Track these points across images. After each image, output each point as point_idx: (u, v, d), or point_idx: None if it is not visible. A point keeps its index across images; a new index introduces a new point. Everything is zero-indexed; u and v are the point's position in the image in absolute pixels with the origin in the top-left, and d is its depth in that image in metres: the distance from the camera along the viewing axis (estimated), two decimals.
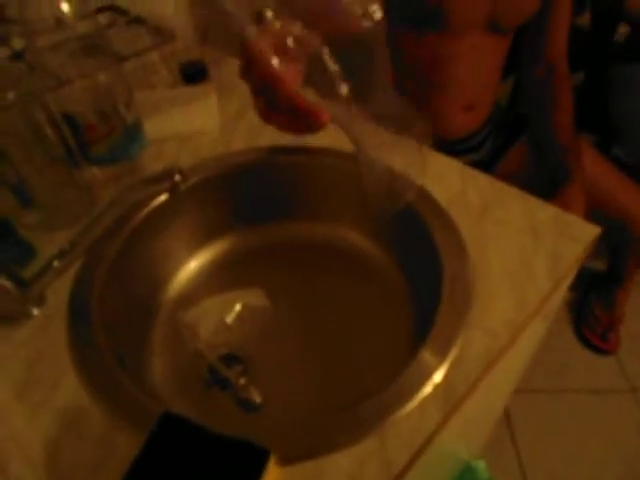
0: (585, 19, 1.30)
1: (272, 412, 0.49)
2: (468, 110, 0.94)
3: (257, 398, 0.54)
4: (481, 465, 0.82)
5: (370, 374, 0.51)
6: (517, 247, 0.50)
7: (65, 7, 0.58)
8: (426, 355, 0.42)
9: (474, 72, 0.88)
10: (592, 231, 0.51)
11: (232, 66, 0.83)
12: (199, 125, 0.69)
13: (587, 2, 1.29)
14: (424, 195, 0.55)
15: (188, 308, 0.61)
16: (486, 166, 1.00)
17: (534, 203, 0.54)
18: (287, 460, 0.37)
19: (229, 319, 0.61)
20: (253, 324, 0.61)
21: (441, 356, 0.42)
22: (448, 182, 0.58)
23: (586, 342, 1.33)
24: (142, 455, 0.34)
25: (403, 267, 0.59)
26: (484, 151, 1.00)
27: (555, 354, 1.32)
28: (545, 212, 0.53)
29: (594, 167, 0.96)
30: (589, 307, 1.37)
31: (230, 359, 0.58)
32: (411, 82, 0.90)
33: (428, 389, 0.40)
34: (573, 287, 1.41)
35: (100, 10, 0.97)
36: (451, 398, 0.39)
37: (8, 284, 0.45)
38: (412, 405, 0.39)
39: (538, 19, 0.87)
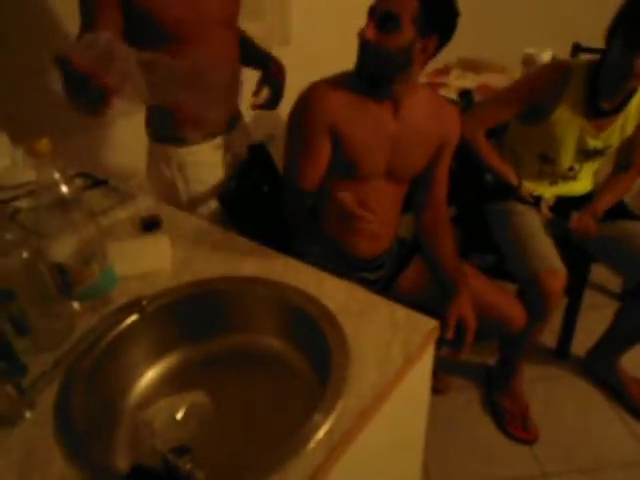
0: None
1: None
2: (373, 239, 1.23)
3: (201, 476, 0.69)
4: None
5: (286, 435, 0.68)
6: (381, 337, 0.73)
7: (52, 174, 0.77)
8: (315, 417, 0.61)
9: (378, 209, 1.19)
10: (431, 323, 0.75)
11: (182, 220, 1.08)
12: (156, 265, 0.91)
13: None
14: (319, 305, 0.79)
15: (145, 409, 0.77)
16: (385, 283, 1.27)
17: (394, 307, 0.79)
18: None
19: (179, 416, 0.78)
20: (198, 419, 0.77)
21: (325, 416, 0.61)
22: (337, 296, 0.81)
23: (512, 437, 1.49)
24: None
25: (308, 359, 0.80)
26: (382, 272, 1.27)
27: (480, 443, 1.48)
28: (401, 312, 0.77)
29: (475, 282, 1.23)
30: (499, 405, 1.56)
31: (180, 450, 0.73)
32: (334, 217, 1.18)
33: (316, 439, 0.58)
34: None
35: (75, 175, 1.22)
36: (332, 443, 0.58)
37: (13, 391, 0.62)
38: (304, 452, 0.57)
39: (424, 175, 1.20)
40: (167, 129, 1.22)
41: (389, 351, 0.71)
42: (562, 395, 1.62)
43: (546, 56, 1.93)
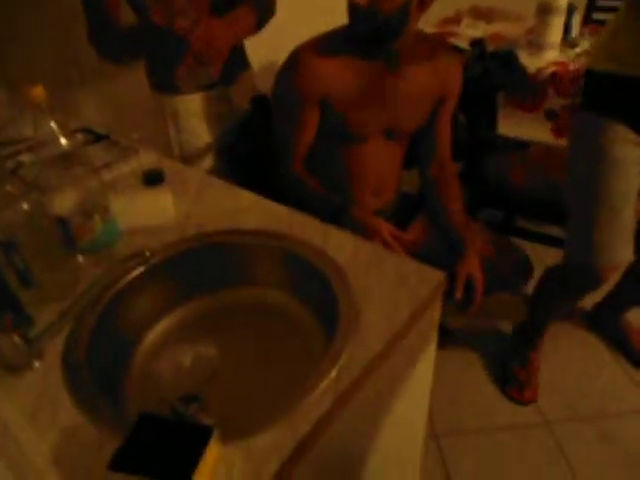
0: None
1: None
2: (375, 195, 1.20)
3: (209, 421, 0.70)
4: None
5: (292, 385, 0.69)
6: (389, 290, 0.72)
7: (50, 128, 0.77)
8: (323, 365, 0.61)
9: (377, 168, 1.16)
10: (438, 275, 0.74)
11: (185, 173, 1.06)
12: (159, 219, 0.90)
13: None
14: (327, 259, 0.77)
15: (153, 360, 0.78)
16: None
17: (401, 260, 0.77)
18: (228, 440, 0.53)
19: (187, 367, 0.78)
20: (205, 369, 0.78)
21: (333, 365, 0.61)
22: (345, 250, 0.80)
23: (510, 398, 1.50)
24: (127, 438, 0.50)
25: (315, 312, 0.79)
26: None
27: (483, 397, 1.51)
28: (408, 265, 0.76)
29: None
30: (510, 369, 1.54)
31: (188, 398, 0.74)
32: (339, 177, 1.17)
33: (322, 386, 0.58)
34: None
35: (76, 131, 1.20)
36: (339, 390, 0.58)
37: (19, 341, 0.62)
38: (311, 398, 0.57)
39: (426, 131, 1.17)
40: (164, 76, 1.18)
41: (396, 303, 0.70)
42: (566, 347, 1.63)
43: (562, 3, 1.83)
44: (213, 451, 0.51)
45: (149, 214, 0.91)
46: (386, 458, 0.86)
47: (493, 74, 1.76)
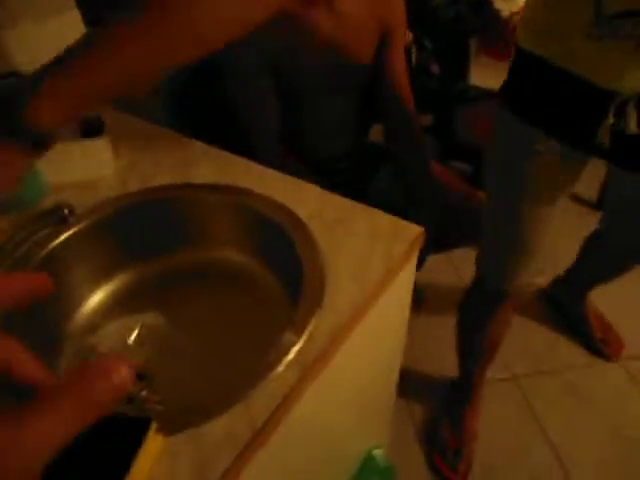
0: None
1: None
2: (330, 142, 1.12)
3: (157, 408, 0.61)
4: (378, 453, 0.93)
5: (252, 359, 0.60)
6: (360, 248, 0.64)
7: None
8: (285, 337, 0.53)
9: (327, 117, 1.07)
10: (416, 230, 0.66)
11: (128, 122, 0.93)
12: (96, 172, 0.78)
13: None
14: (289, 213, 0.68)
15: (94, 335, 0.68)
16: (356, 187, 1.17)
17: (374, 214, 0.69)
18: (172, 431, 0.45)
19: (130, 341, 0.69)
20: (153, 342, 0.69)
21: (297, 336, 0.53)
22: (309, 203, 0.71)
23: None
24: None
25: (277, 275, 0.71)
26: (348, 175, 1.18)
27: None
28: (382, 219, 0.68)
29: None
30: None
31: (135, 376, 0.65)
32: (296, 130, 1.07)
33: (285, 361, 0.50)
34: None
35: (4, 76, 1.03)
36: (304, 366, 0.50)
37: None
38: (272, 376, 0.49)
39: (375, 74, 1.06)
40: (94, 11, 1.02)
41: (369, 263, 0.62)
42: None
43: None
44: (152, 446, 0.42)
45: (83, 167, 0.79)
46: (353, 428, 0.80)
47: (465, 19, 1.66)
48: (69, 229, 0.67)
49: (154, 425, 0.42)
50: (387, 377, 0.86)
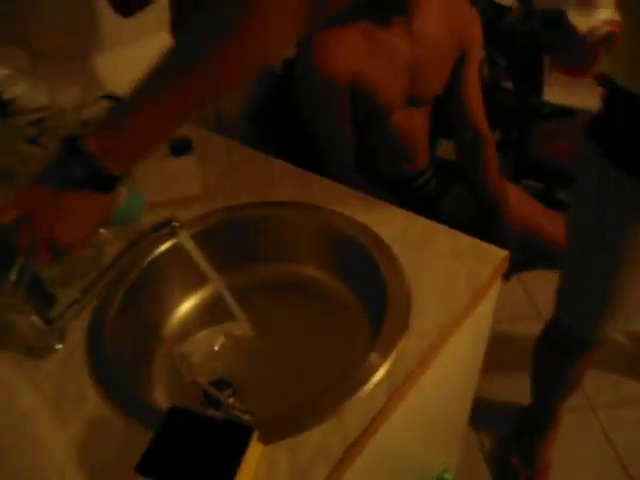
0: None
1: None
2: (406, 163, 1.13)
3: (246, 416, 0.64)
4: (449, 477, 0.91)
5: (334, 376, 0.62)
6: (444, 270, 0.64)
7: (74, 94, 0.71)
8: (373, 356, 0.54)
9: (405, 137, 1.08)
10: (501, 253, 0.65)
11: (214, 142, 0.98)
12: (186, 190, 0.83)
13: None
14: (371, 234, 0.70)
15: (183, 341, 0.72)
16: (429, 205, 1.17)
17: (456, 235, 0.69)
18: (270, 440, 0.47)
19: (218, 348, 0.72)
20: (238, 351, 0.72)
21: (385, 356, 0.54)
22: (392, 224, 0.72)
23: None
24: (156, 436, 0.45)
25: (357, 293, 0.72)
26: (428, 191, 1.17)
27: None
28: (465, 241, 0.68)
29: (524, 204, 1.13)
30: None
31: (221, 383, 0.69)
32: (365, 152, 1.08)
33: (374, 380, 0.51)
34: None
35: (101, 98, 1.13)
36: (393, 386, 0.51)
37: (38, 321, 0.56)
38: (362, 393, 0.50)
39: (451, 93, 1.07)
40: None
41: (454, 285, 0.62)
42: None
43: None
44: (254, 453, 0.45)
45: (176, 185, 0.84)
46: (428, 449, 0.80)
47: (540, 35, 1.62)
48: (166, 242, 0.72)
49: (256, 433, 0.44)
50: (463, 400, 0.85)
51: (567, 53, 1.66)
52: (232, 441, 0.44)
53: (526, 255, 1.08)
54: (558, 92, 1.67)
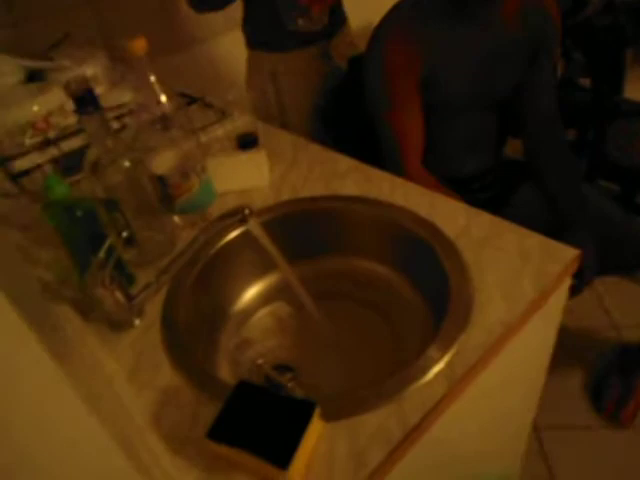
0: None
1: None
2: (472, 161, 1.10)
3: (303, 395, 0.66)
4: None
5: (394, 365, 0.63)
6: (509, 267, 0.63)
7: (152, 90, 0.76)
8: (433, 349, 0.54)
9: (473, 134, 1.06)
10: (571, 252, 0.63)
11: (279, 137, 1.02)
12: (253, 182, 0.87)
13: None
14: (434, 230, 0.70)
15: (248, 325, 0.76)
16: (496, 204, 1.13)
17: (524, 233, 0.67)
18: (330, 418, 0.49)
19: (281, 333, 0.75)
20: (300, 336, 0.75)
21: (445, 349, 0.54)
22: (456, 220, 0.71)
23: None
24: (225, 407, 0.48)
25: (420, 288, 0.72)
26: (490, 193, 1.14)
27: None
28: (532, 239, 0.66)
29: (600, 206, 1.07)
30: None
31: (282, 367, 0.71)
32: (434, 148, 1.07)
33: (434, 371, 0.52)
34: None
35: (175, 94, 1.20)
36: (453, 378, 0.51)
37: (121, 297, 0.62)
38: (421, 382, 0.51)
39: (523, 87, 1.02)
40: (262, 32, 1.14)
41: (519, 282, 0.61)
42: None
43: None
44: (315, 428, 0.47)
45: (244, 177, 0.89)
46: (487, 449, 0.78)
47: (623, 27, 1.53)
48: (236, 229, 0.76)
49: (318, 410, 0.46)
50: (526, 406, 0.83)
51: None
52: (295, 415, 0.46)
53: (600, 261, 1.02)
54: None
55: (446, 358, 0.53)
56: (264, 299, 0.79)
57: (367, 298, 0.77)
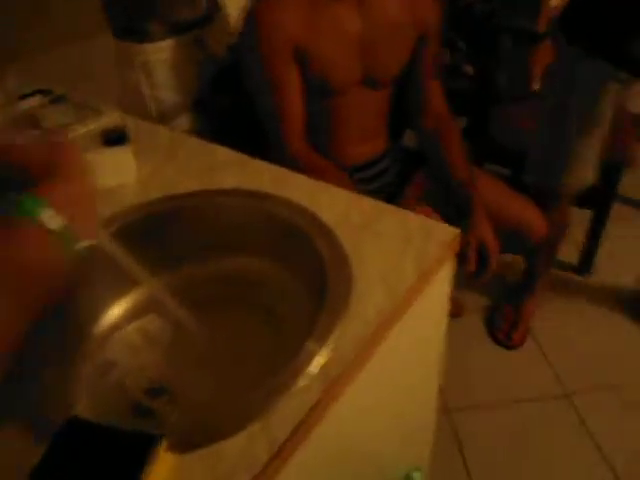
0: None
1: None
2: (361, 146, 1.08)
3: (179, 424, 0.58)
4: (417, 476, 0.86)
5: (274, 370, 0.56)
6: (390, 252, 0.59)
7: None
8: (309, 344, 0.48)
9: (360, 119, 1.03)
10: (451, 232, 0.60)
11: (154, 132, 0.92)
12: (116, 179, 0.77)
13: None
14: (313, 217, 0.64)
15: (113, 348, 0.66)
16: (389, 196, 1.12)
17: (405, 214, 0.64)
18: (185, 448, 0.41)
19: (153, 353, 0.66)
20: (174, 351, 0.66)
21: (319, 346, 0.48)
22: (335, 207, 0.67)
23: (496, 341, 1.45)
24: (51, 447, 0.38)
25: (303, 283, 0.66)
26: (381, 182, 1.12)
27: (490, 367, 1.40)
28: (414, 221, 0.63)
29: (488, 189, 1.09)
30: (500, 310, 1.50)
31: (155, 391, 0.62)
32: (318, 131, 1.03)
33: (309, 372, 0.46)
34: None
35: (34, 93, 1.06)
36: (330, 377, 0.46)
37: None
38: (293, 390, 0.45)
39: (409, 76, 1.03)
40: (126, 18, 1.03)
41: (400, 266, 0.57)
42: (581, 312, 1.51)
43: None
44: (164, 463, 0.39)
45: (107, 175, 0.78)
46: (389, 444, 0.74)
47: (501, 15, 1.59)
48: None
49: (163, 442, 0.38)
50: (424, 393, 0.80)
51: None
52: (135, 452, 0.38)
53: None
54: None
55: (320, 357, 0.47)
56: (131, 314, 0.69)
57: (251, 299, 0.70)
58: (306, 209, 0.66)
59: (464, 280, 0.96)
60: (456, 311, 1.51)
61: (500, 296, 1.55)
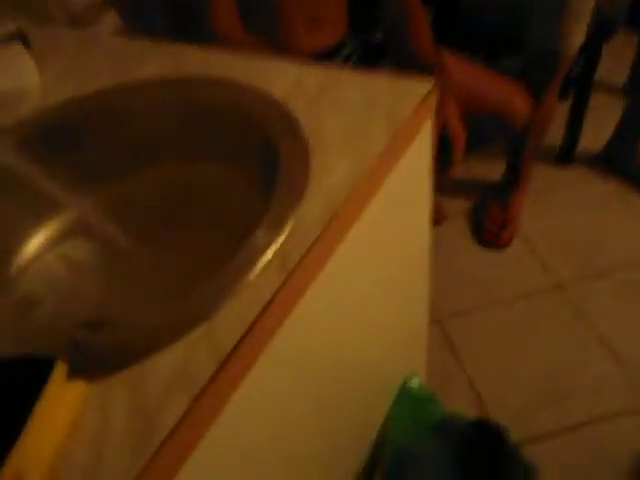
0: None
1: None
2: (312, 33, 0.93)
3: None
4: (415, 382, 0.80)
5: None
6: (353, 117, 0.47)
7: None
8: (259, 232, 0.38)
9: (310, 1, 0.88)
10: (426, 85, 0.49)
11: (63, 38, 0.76)
12: (12, 82, 0.62)
13: None
14: (257, 95, 0.52)
15: (31, 282, 0.54)
16: None
17: (371, 78, 0.52)
18: (104, 373, 0.31)
19: (82, 281, 0.55)
20: (118, 266, 0.55)
21: (276, 230, 0.38)
22: (282, 79, 0.54)
23: (484, 242, 1.38)
24: None
25: (248, 177, 0.54)
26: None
27: (478, 270, 1.34)
28: (380, 80, 0.51)
29: (463, 73, 0.97)
30: (489, 211, 1.41)
31: (93, 323, 0.52)
32: (263, 14, 0.88)
33: (261, 263, 0.36)
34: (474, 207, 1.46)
35: None
36: (288, 267, 0.35)
37: None
38: (244, 282, 0.34)
39: None
40: None
41: (368, 131, 0.45)
42: (569, 200, 1.45)
43: None
44: (66, 394, 0.29)
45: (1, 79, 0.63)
46: (382, 345, 0.67)
47: None
48: None
49: (61, 368, 0.28)
50: (413, 290, 0.71)
51: None
52: (24, 383, 0.28)
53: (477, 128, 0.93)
54: None
55: (274, 245, 0.37)
56: (59, 242, 0.57)
57: (197, 213, 0.58)
58: (248, 86, 0.54)
59: (443, 185, 0.85)
60: (438, 217, 1.42)
61: (484, 197, 1.46)
